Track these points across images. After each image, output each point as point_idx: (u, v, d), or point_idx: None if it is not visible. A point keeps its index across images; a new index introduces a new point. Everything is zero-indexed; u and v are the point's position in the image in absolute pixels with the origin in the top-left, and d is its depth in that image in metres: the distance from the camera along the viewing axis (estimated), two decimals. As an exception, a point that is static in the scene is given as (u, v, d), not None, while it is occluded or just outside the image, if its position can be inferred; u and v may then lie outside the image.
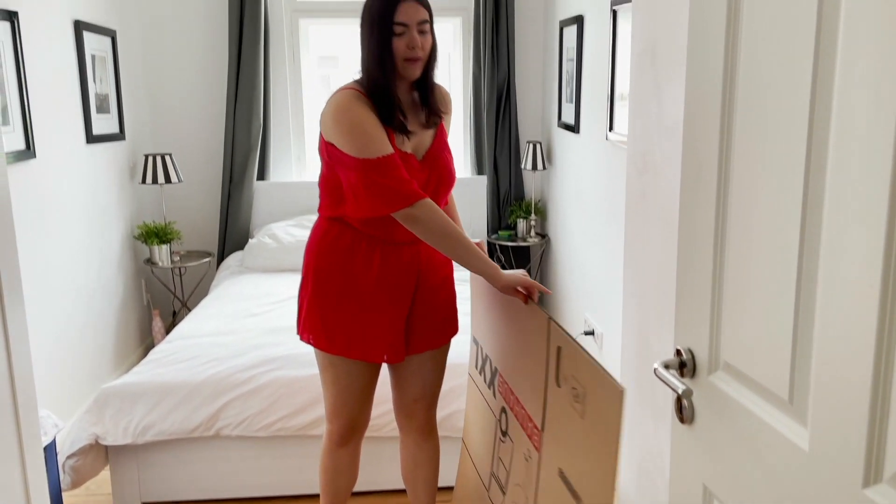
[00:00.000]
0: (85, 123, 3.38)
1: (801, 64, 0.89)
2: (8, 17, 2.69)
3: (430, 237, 1.75)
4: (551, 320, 1.65)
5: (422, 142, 1.88)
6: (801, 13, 0.88)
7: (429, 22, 1.77)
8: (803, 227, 0.89)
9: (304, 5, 4.32)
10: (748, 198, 1.01)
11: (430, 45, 1.79)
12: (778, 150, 0.94)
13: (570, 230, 3.88)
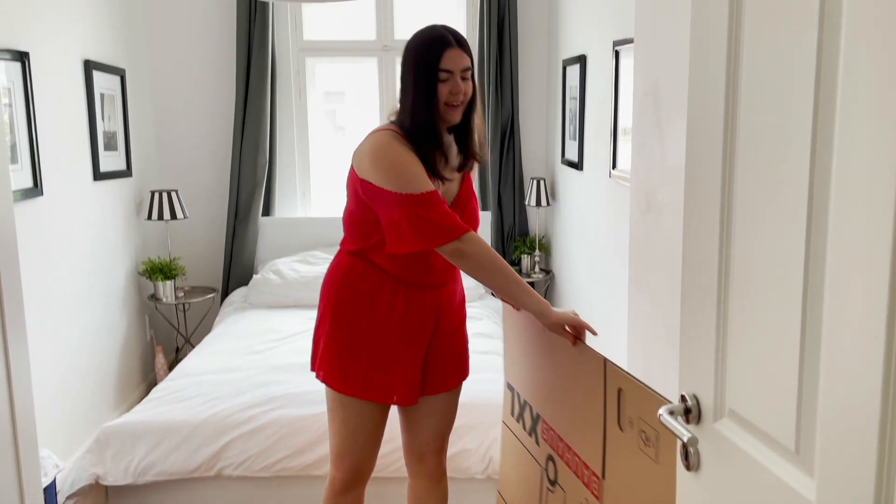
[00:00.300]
0: (92, 161, 3.41)
1: (802, 107, 0.89)
2: (19, 58, 2.73)
3: (478, 271, 1.73)
4: (608, 361, 1.58)
5: (451, 187, 1.89)
6: (801, 55, 0.89)
7: (471, 69, 1.79)
8: (806, 273, 0.89)
9: (311, 44, 4.38)
10: (751, 243, 1.01)
11: (471, 90, 1.80)
12: (780, 196, 0.94)
13: (575, 267, 3.88)
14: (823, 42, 0.85)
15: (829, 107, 0.84)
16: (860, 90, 0.79)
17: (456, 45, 1.75)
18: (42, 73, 2.93)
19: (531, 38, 4.37)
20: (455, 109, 1.77)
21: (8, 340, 1.71)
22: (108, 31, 3.63)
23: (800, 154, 0.89)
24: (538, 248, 4.33)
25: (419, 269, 1.82)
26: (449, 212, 1.72)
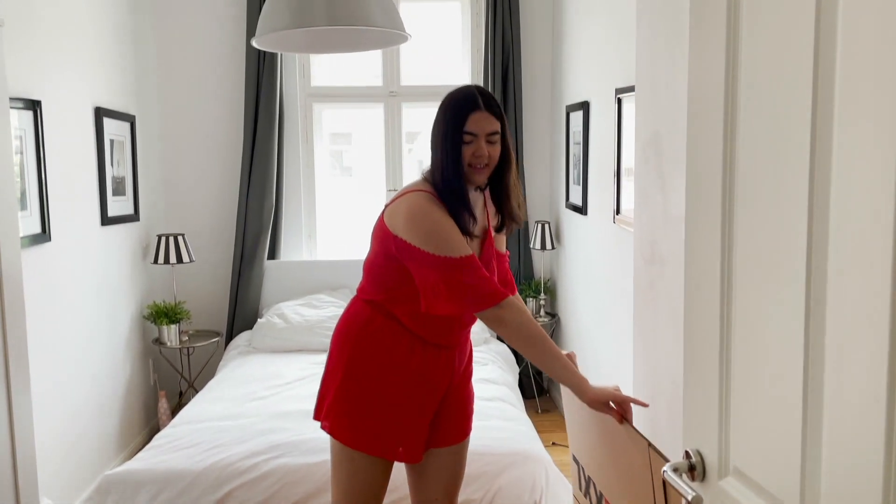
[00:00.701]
0: (101, 206, 3.45)
1: (798, 164, 0.90)
2: (31, 107, 2.79)
3: (516, 339, 1.71)
4: (651, 447, 1.48)
5: (477, 243, 1.88)
6: (797, 110, 0.90)
7: (499, 133, 1.76)
8: (808, 333, 0.88)
9: (318, 90, 4.46)
10: (752, 300, 1.01)
11: (497, 154, 1.77)
12: (779, 253, 0.94)
13: (580, 310, 3.86)
14: (818, 99, 0.86)
15: (824, 164, 0.85)
16: (855, 147, 0.79)
17: (484, 108, 1.73)
18: (53, 120, 2.98)
19: (535, 85, 4.43)
20: (479, 171, 1.75)
21: (11, 387, 1.71)
22: (120, 78, 3.70)
23: (797, 210, 0.89)
24: (543, 291, 4.32)
25: (440, 329, 1.81)
26: (487, 276, 1.70)
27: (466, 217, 1.75)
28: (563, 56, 4.12)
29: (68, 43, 3.13)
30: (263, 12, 2.08)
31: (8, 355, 1.72)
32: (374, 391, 1.82)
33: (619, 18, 3.02)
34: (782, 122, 0.93)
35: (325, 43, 2.34)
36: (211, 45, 4.26)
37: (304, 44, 2.32)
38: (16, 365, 1.76)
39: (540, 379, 4.53)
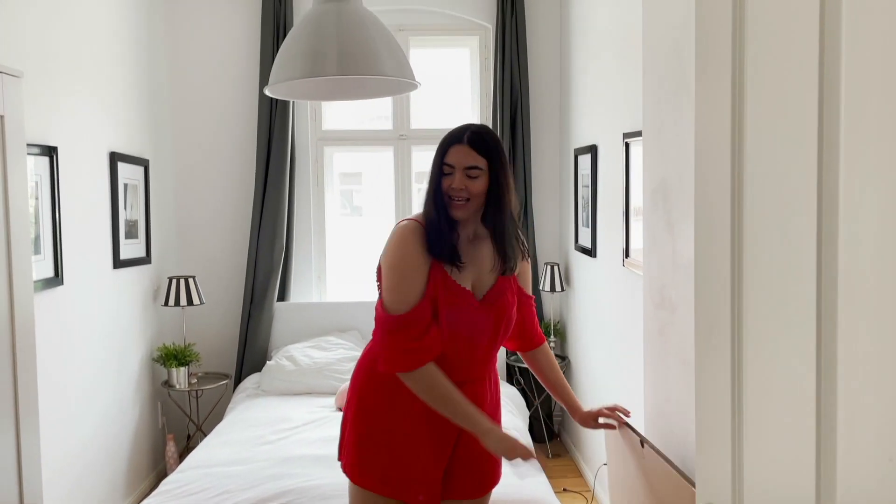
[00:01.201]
0: (113, 249, 3.48)
1: (806, 212, 0.90)
2: (48, 153, 2.84)
3: (427, 401, 1.77)
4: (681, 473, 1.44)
5: (482, 281, 1.86)
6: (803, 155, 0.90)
7: (480, 168, 1.76)
8: (819, 387, 0.87)
9: (329, 133, 4.52)
10: (764, 347, 1.00)
11: (477, 189, 1.76)
12: (789, 299, 0.94)
13: (591, 353, 3.83)
14: (824, 146, 0.86)
15: (831, 210, 0.85)
16: (862, 194, 0.80)
17: (465, 143, 1.76)
18: (69, 165, 3.03)
19: (543, 128, 4.47)
20: (457, 206, 1.77)
21: (20, 427, 1.71)
22: (135, 124, 3.77)
23: (806, 256, 0.89)
24: (553, 333, 4.30)
25: (439, 364, 1.79)
26: (416, 338, 1.73)
27: (444, 247, 1.76)
28: (570, 100, 4.17)
29: (85, 90, 3.20)
30: (276, 62, 2.12)
31: (18, 397, 1.73)
32: (382, 429, 1.84)
33: (626, 63, 3.06)
34: (790, 169, 0.94)
35: (337, 91, 2.38)
36: (225, 91, 4.34)
37: (316, 92, 2.36)
38: (25, 406, 1.76)
39: (551, 423, 4.48)
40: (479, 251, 1.87)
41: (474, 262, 1.85)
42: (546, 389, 2.11)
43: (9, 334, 1.66)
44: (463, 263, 1.81)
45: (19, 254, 1.72)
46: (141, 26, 3.86)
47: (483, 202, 1.79)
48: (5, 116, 1.62)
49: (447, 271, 1.79)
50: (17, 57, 2.51)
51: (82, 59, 3.17)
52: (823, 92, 0.86)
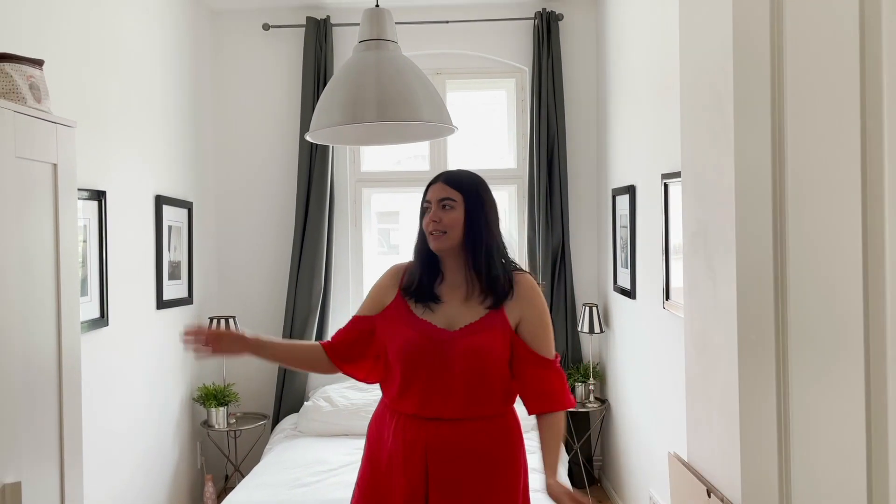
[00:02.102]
0: (157, 290, 3.55)
1: (851, 256, 0.88)
2: (97, 197, 2.93)
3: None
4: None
5: (460, 316, 1.89)
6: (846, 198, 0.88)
7: (454, 200, 1.89)
8: (869, 435, 0.84)
9: (368, 175, 4.59)
10: (810, 394, 0.97)
11: (452, 220, 1.88)
12: (835, 346, 0.91)
13: (631, 397, 3.76)
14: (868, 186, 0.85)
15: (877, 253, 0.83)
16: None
17: (441, 182, 1.92)
18: (116, 208, 3.12)
19: (581, 168, 4.47)
20: (434, 238, 1.88)
21: (65, 465, 1.73)
22: (179, 168, 3.88)
23: (852, 301, 0.87)
24: (592, 375, 4.23)
25: (406, 396, 1.86)
26: (338, 333, 1.98)
27: (418, 279, 1.90)
28: (608, 140, 4.17)
29: (133, 137, 3.31)
30: (318, 109, 2.18)
31: (63, 438, 1.76)
32: (364, 463, 1.97)
33: (664, 104, 3.06)
34: (833, 215, 0.92)
35: (376, 136, 2.43)
36: (266, 136, 4.45)
37: (356, 137, 2.41)
38: (70, 447, 1.79)
39: (591, 467, 4.38)
40: (464, 287, 1.92)
41: (451, 299, 1.91)
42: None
43: (56, 376, 1.70)
44: (438, 303, 1.90)
45: (68, 295, 1.77)
46: (187, 76, 4.00)
47: (461, 237, 1.88)
48: (58, 164, 1.68)
49: (409, 305, 1.90)
50: (71, 107, 2.61)
51: (131, 108, 3.29)
52: (866, 136, 0.85)
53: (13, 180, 1.50)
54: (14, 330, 1.51)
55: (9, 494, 1.45)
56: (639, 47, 3.49)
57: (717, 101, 1.65)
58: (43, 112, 1.61)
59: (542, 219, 4.31)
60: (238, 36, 4.44)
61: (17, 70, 1.54)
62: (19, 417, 1.52)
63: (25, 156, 1.54)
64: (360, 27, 2.23)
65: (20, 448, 1.51)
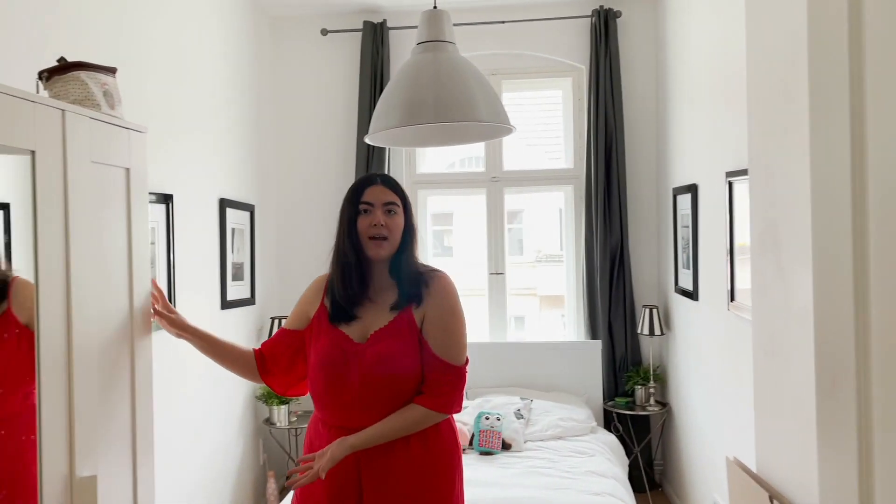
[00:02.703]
0: (221, 291, 3.64)
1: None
2: (164, 200, 3.02)
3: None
4: None
5: (373, 323, 1.86)
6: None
7: (398, 205, 1.86)
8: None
9: (424, 177, 4.61)
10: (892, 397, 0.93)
11: (397, 225, 1.85)
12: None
13: (693, 401, 3.67)
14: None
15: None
16: None
17: (380, 183, 1.88)
18: (183, 211, 3.22)
19: (640, 167, 4.40)
20: (378, 243, 1.83)
21: (137, 462, 1.79)
22: (242, 171, 3.97)
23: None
24: (653, 378, 4.15)
25: (327, 407, 1.84)
26: (266, 343, 2.01)
27: (344, 292, 1.85)
28: (668, 139, 4.09)
29: (199, 142, 3.41)
30: (376, 111, 2.19)
31: (136, 433, 1.81)
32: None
33: (727, 100, 2.98)
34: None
35: (434, 138, 2.43)
36: (325, 140, 4.52)
37: (414, 139, 2.42)
38: (142, 441, 1.84)
39: (652, 472, 4.30)
40: (381, 295, 1.88)
41: (370, 309, 1.87)
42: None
43: (129, 373, 1.76)
44: (357, 318, 1.86)
45: (139, 294, 1.82)
46: (248, 81, 4.09)
47: (399, 243, 1.86)
48: (131, 169, 1.74)
49: (330, 314, 1.88)
50: (140, 113, 2.70)
51: (196, 114, 3.39)
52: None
53: (90, 184, 1.56)
54: (91, 329, 1.56)
55: (85, 488, 1.50)
56: (701, 43, 3.41)
57: (787, 95, 1.60)
58: (116, 118, 1.67)
59: (600, 219, 4.25)
60: (297, 41, 4.52)
61: (92, 78, 1.60)
62: (95, 414, 1.57)
63: (100, 160, 1.60)
64: (419, 29, 2.24)
65: (96, 443, 1.57)
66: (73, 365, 1.48)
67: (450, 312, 1.87)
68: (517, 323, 6.83)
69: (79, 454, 1.49)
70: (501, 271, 4.54)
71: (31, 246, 1.39)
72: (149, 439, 1.85)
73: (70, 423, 1.47)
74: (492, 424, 3.65)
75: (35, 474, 1.38)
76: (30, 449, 1.40)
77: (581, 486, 3.03)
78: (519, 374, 4.29)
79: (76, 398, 1.49)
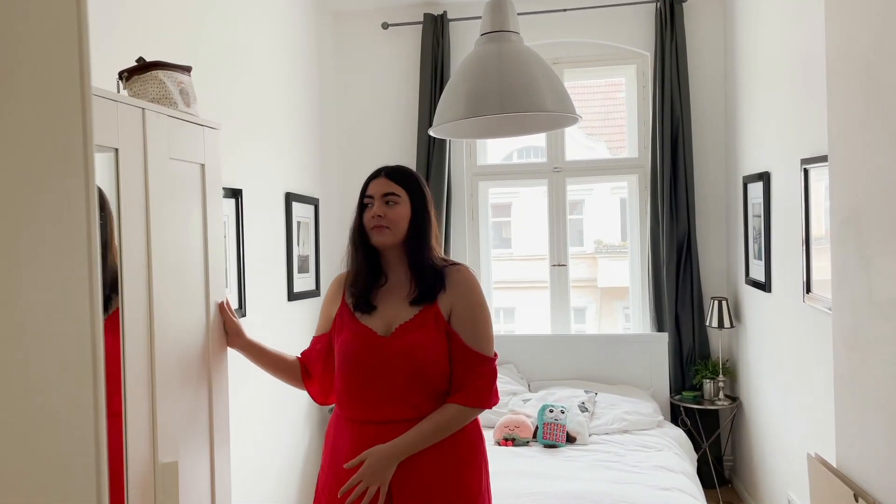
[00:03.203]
0: (287, 283, 3.73)
1: None
2: (234, 195, 3.11)
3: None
4: None
5: (396, 317, 1.86)
6: None
7: (398, 195, 1.88)
8: None
9: (484, 169, 4.60)
10: None
11: (397, 215, 1.86)
12: None
13: (766, 395, 3.57)
14: None
15: None
16: None
17: (383, 176, 1.91)
18: (252, 206, 3.30)
19: (708, 155, 4.28)
20: (378, 231, 1.87)
21: (215, 452, 1.85)
22: (307, 166, 4.04)
23: None
24: (722, 372, 4.05)
25: (351, 401, 1.85)
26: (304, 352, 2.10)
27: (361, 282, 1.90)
28: (738, 125, 3.97)
29: (265, 137, 3.49)
30: (441, 104, 2.20)
31: (213, 420, 1.87)
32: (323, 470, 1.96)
33: (802, 85, 2.87)
34: None
35: (498, 129, 2.42)
36: (386, 133, 4.56)
37: (478, 130, 2.41)
38: (219, 429, 1.90)
39: (721, 467, 4.20)
40: (399, 289, 1.89)
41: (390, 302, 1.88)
42: None
43: (206, 362, 1.82)
44: (375, 308, 1.88)
45: (215, 286, 1.88)
46: (312, 77, 4.16)
47: (405, 233, 1.87)
48: (206, 164, 1.79)
49: (351, 310, 1.91)
50: (211, 110, 2.78)
51: (262, 110, 3.47)
52: None
53: (168, 180, 1.61)
54: (170, 320, 1.62)
55: (167, 473, 1.56)
56: (773, 27, 3.29)
57: (869, 79, 1.53)
58: (192, 115, 1.72)
59: (666, 209, 4.16)
60: (358, 36, 4.57)
61: (169, 77, 1.65)
62: (176, 402, 1.63)
63: (177, 157, 1.66)
64: (482, 20, 2.23)
65: (176, 430, 1.63)
66: (154, 354, 1.54)
67: (477, 305, 1.88)
68: (577, 315, 6.72)
69: (161, 441, 1.55)
70: (564, 263, 4.49)
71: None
72: (225, 426, 1.92)
73: (153, 413, 1.53)
74: (556, 417, 3.63)
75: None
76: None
77: (649, 481, 2.98)
78: (583, 366, 4.25)
79: (157, 389, 1.54)
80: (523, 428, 3.66)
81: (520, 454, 3.46)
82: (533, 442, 3.64)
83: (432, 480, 1.80)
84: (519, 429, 3.66)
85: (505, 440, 3.64)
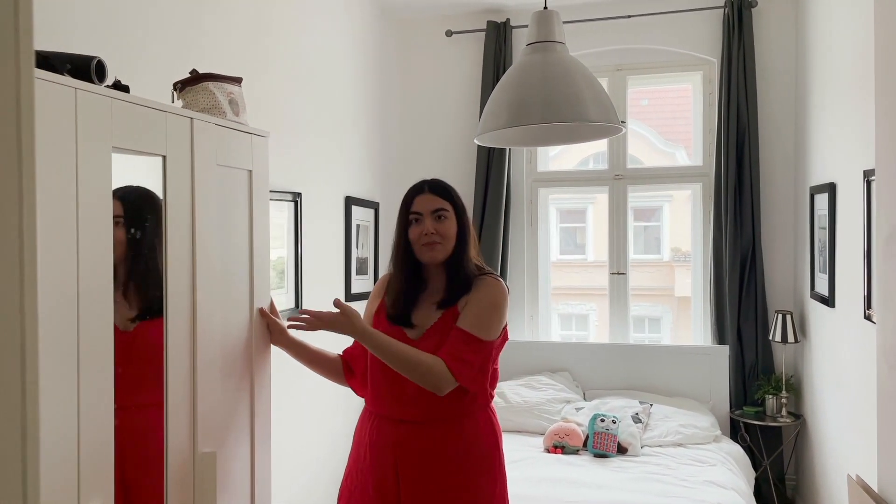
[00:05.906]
0: (346, 284, 3.83)
1: None
2: (293, 198, 3.23)
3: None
4: None
5: (427, 319, 1.92)
6: None
7: (448, 210, 1.92)
8: None
9: (544, 175, 4.60)
10: None
11: (447, 230, 1.90)
12: None
13: (830, 413, 3.43)
14: None
15: None
16: None
17: (428, 192, 1.93)
18: (311, 209, 3.41)
19: (775, 165, 4.15)
20: (431, 247, 1.89)
21: (255, 444, 1.94)
22: (367, 170, 4.14)
23: None
24: (785, 388, 3.91)
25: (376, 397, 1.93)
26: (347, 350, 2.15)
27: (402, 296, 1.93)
28: (806, 134, 3.83)
29: (326, 144, 3.60)
30: (484, 112, 2.24)
31: (254, 414, 1.96)
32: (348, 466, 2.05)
33: (869, 93, 2.75)
34: None
35: (544, 137, 2.44)
36: (447, 139, 4.61)
37: (523, 139, 2.44)
38: (260, 422, 1.99)
39: (783, 487, 4.06)
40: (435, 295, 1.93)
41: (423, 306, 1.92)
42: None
43: (248, 358, 1.91)
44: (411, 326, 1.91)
45: (259, 285, 1.98)
46: (374, 83, 4.26)
47: (454, 246, 1.90)
48: (253, 171, 1.89)
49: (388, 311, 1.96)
50: (269, 121, 2.90)
51: (324, 115, 3.58)
52: None
53: (216, 186, 1.71)
54: (216, 317, 1.72)
55: (206, 462, 1.65)
56: (846, 35, 3.17)
57: (916, 89, 1.47)
58: (240, 124, 1.82)
59: (731, 219, 4.06)
60: (422, 43, 4.65)
61: (218, 88, 1.75)
62: (217, 394, 1.73)
63: (225, 163, 1.75)
64: (528, 30, 2.27)
65: (216, 422, 1.72)
66: (196, 351, 1.63)
67: (482, 299, 1.89)
68: (652, 325, 6.46)
69: (201, 432, 1.65)
70: (623, 271, 4.44)
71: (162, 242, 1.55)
72: (266, 421, 2.00)
73: (194, 405, 1.62)
74: (607, 427, 3.60)
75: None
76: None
77: (696, 496, 2.93)
78: (640, 377, 4.18)
79: (199, 384, 1.64)
80: (573, 436, 3.64)
81: (568, 462, 3.44)
82: (583, 451, 3.61)
83: (445, 486, 1.84)
84: (569, 437, 3.64)
85: (554, 447, 3.63)
